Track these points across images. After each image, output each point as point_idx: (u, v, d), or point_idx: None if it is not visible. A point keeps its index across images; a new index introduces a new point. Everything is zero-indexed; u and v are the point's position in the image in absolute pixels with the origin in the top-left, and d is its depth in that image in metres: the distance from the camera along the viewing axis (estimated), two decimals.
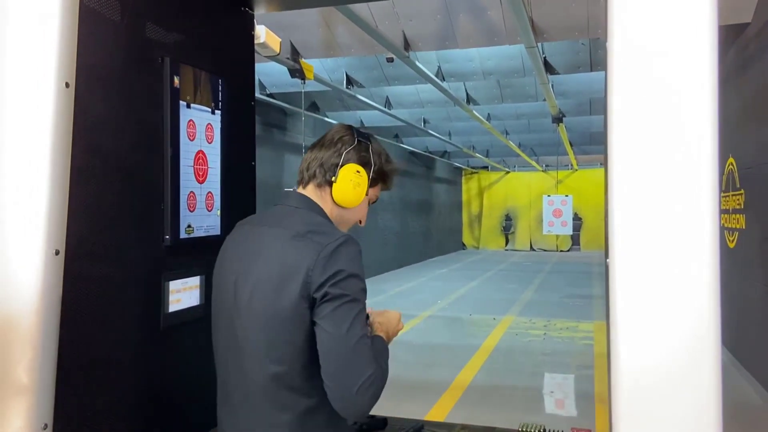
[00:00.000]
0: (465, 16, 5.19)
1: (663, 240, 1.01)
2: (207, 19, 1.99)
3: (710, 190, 1.02)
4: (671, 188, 1.03)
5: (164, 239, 1.75)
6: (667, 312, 0.97)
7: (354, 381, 1.28)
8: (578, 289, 11.66)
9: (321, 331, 1.31)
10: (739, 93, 5.60)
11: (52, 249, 1.38)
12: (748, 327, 5.25)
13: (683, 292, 0.97)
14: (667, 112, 1.05)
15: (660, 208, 1.03)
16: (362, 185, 1.49)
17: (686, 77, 1.05)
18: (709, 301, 0.96)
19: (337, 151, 1.49)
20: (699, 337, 0.93)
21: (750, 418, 4.42)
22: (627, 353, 0.95)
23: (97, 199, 1.52)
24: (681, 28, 1.07)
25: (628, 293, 0.99)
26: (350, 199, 1.48)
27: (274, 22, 5.03)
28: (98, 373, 1.54)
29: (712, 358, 0.93)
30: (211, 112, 1.95)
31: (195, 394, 1.88)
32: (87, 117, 1.47)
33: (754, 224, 5.10)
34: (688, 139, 1.03)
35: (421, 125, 11.21)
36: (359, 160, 1.49)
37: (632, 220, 1.02)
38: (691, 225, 1.01)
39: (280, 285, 1.34)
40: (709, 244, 0.99)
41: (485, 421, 4.39)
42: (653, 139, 1.05)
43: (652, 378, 0.94)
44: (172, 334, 1.79)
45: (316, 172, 1.49)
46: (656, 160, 1.04)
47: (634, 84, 1.06)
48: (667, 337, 0.96)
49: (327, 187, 1.49)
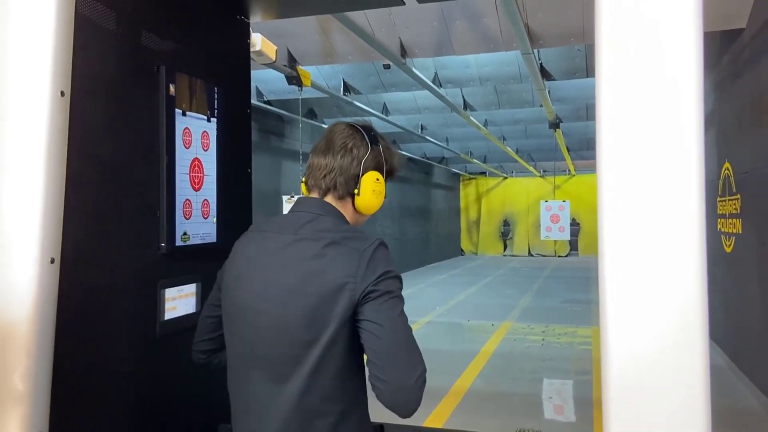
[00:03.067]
0: (461, 23, 5.21)
1: (651, 236, 1.01)
2: (202, 27, 2.00)
3: (696, 183, 1.03)
4: (658, 180, 1.04)
5: (160, 247, 1.75)
6: (655, 304, 0.98)
7: (412, 373, 1.27)
8: (576, 295, 11.66)
9: (371, 327, 1.29)
10: (735, 98, 5.62)
11: (48, 257, 1.38)
12: (746, 331, 5.25)
13: (671, 284, 0.98)
14: (653, 109, 1.07)
15: (648, 202, 1.04)
16: (383, 191, 1.49)
17: (673, 78, 1.06)
18: (696, 293, 0.97)
19: (355, 158, 1.44)
20: (686, 330, 0.94)
21: (749, 424, 4.42)
22: (617, 344, 0.96)
23: (93, 208, 1.52)
24: (667, 30, 1.08)
25: (618, 283, 1.00)
26: (373, 206, 1.48)
27: (271, 30, 5.05)
28: (94, 381, 1.54)
29: (699, 349, 0.94)
30: (207, 120, 1.95)
31: (191, 402, 1.88)
32: (83, 125, 1.48)
33: (750, 229, 5.12)
34: (673, 129, 1.04)
35: (418, 131, 11.23)
36: (377, 166, 1.47)
37: (621, 215, 1.03)
38: (677, 217, 1.02)
39: (322, 294, 1.31)
40: (695, 238, 1.00)
41: (484, 427, 4.38)
42: (640, 131, 1.06)
43: (642, 367, 0.95)
44: (168, 341, 1.79)
45: (336, 184, 1.44)
46: (643, 152, 1.05)
47: (622, 85, 1.07)
48: (655, 328, 0.96)
49: (349, 197, 1.46)
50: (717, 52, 6.11)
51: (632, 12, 1.07)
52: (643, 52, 1.07)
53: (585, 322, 8.58)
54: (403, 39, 5.49)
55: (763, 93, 4.77)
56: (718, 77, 6.10)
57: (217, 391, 1.99)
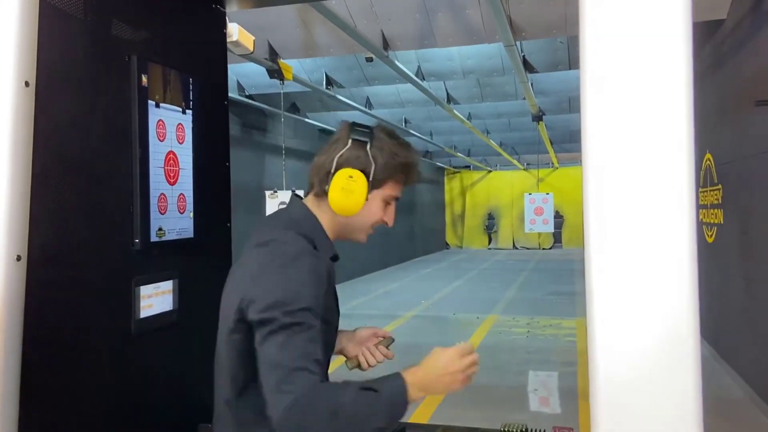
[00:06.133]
0: (443, 15, 5.17)
1: (639, 236, 0.99)
2: (176, 16, 1.94)
3: (686, 185, 1.01)
4: (646, 182, 1.01)
5: (134, 243, 1.70)
6: (644, 308, 0.95)
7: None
8: (561, 287, 11.72)
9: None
10: (716, 89, 5.65)
11: (14, 254, 1.33)
12: (729, 320, 5.30)
13: (661, 288, 0.95)
14: (642, 105, 1.04)
15: (636, 203, 1.01)
16: (357, 191, 1.35)
17: (661, 69, 1.04)
18: (688, 297, 0.94)
19: (330, 156, 1.39)
20: (678, 334, 0.92)
21: (731, 412, 4.46)
22: (604, 351, 0.93)
23: (61, 203, 1.46)
24: (655, 20, 1.05)
25: (605, 290, 0.97)
26: (347, 207, 1.36)
27: (251, 22, 4.97)
28: (65, 382, 1.48)
29: (691, 355, 0.91)
30: (182, 112, 1.90)
31: (170, 402, 1.83)
32: (49, 117, 1.42)
33: (732, 219, 5.15)
34: (663, 129, 1.02)
35: (402, 125, 11.19)
36: (355, 163, 1.37)
37: (607, 216, 1.00)
38: (667, 219, 0.99)
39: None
40: (686, 239, 0.97)
41: (470, 419, 4.36)
42: (628, 130, 1.03)
43: (632, 375, 0.92)
44: (144, 340, 1.74)
45: (314, 182, 1.41)
46: (631, 151, 1.02)
47: (607, 76, 1.04)
48: (645, 334, 0.94)
49: (324, 196, 1.39)
50: (698, 43, 6.14)
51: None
52: (629, 42, 1.04)
53: (569, 314, 8.63)
54: (386, 31, 5.44)
55: (744, 83, 4.79)
56: (700, 68, 6.13)
57: (196, 391, 1.94)
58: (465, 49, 6.71)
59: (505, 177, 21.99)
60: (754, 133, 4.52)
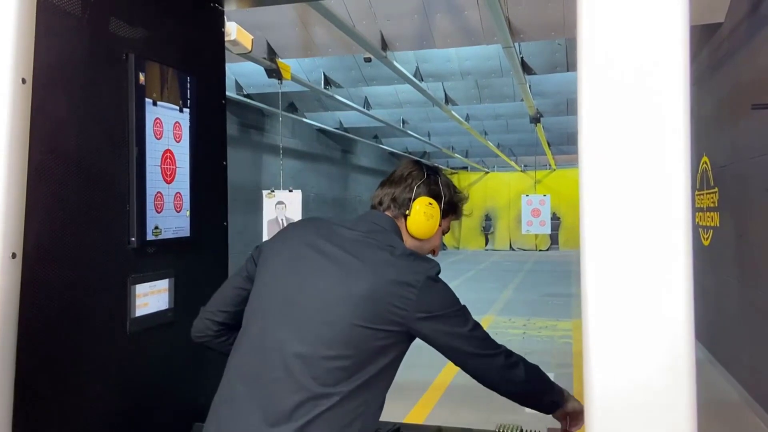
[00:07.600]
0: (442, 16, 5.17)
1: (635, 238, 0.99)
2: (174, 14, 1.94)
3: (683, 188, 1.01)
4: (643, 184, 1.01)
5: (130, 241, 1.69)
6: (640, 311, 0.95)
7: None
8: (557, 288, 11.73)
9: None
10: (713, 92, 5.67)
11: (9, 252, 1.32)
12: (724, 324, 5.31)
13: (656, 291, 0.95)
14: (639, 108, 1.04)
15: (632, 205, 1.01)
16: (435, 217, 1.52)
17: (658, 72, 1.04)
18: (684, 300, 0.94)
19: (408, 185, 1.53)
20: (673, 337, 0.92)
21: (726, 415, 4.47)
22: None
23: (57, 201, 1.46)
24: (653, 23, 1.05)
25: (600, 293, 0.97)
26: (425, 231, 1.51)
27: (250, 22, 4.97)
28: (60, 381, 1.48)
29: (686, 358, 0.91)
30: (179, 110, 1.89)
31: (165, 401, 1.83)
32: (45, 115, 1.41)
33: (728, 222, 5.17)
34: (660, 132, 1.02)
35: (400, 126, 11.19)
36: (430, 193, 1.53)
37: (603, 218, 1.00)
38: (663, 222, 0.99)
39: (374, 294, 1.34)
40: (682, 242, 0.98)
41: (465, 421, 4.37)
42: (624, 132, 1.03)
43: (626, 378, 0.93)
44: (140, 339, 1.73)
45: (391, 207, 1.53)
46: (627, 154, 1.02)
47: (604, 78, 1.04)
48: (640, 337, 0.94)
49: (402, 219, 1.52)
50: (696, 46, 6.16)
51: (615, 2, 1.04)
52: (626, 44, 1.04)
53: (565, 316, 8.64)
54: (384, 32, 5.44)
55: (741, 87, 4.80)
56: (697, 71, 6.14)
57: (191, 390, 1.94)
58: (463, 50, 6.71)
59: (502, 178, 22.00)
60: (751, 136, 4.54)
